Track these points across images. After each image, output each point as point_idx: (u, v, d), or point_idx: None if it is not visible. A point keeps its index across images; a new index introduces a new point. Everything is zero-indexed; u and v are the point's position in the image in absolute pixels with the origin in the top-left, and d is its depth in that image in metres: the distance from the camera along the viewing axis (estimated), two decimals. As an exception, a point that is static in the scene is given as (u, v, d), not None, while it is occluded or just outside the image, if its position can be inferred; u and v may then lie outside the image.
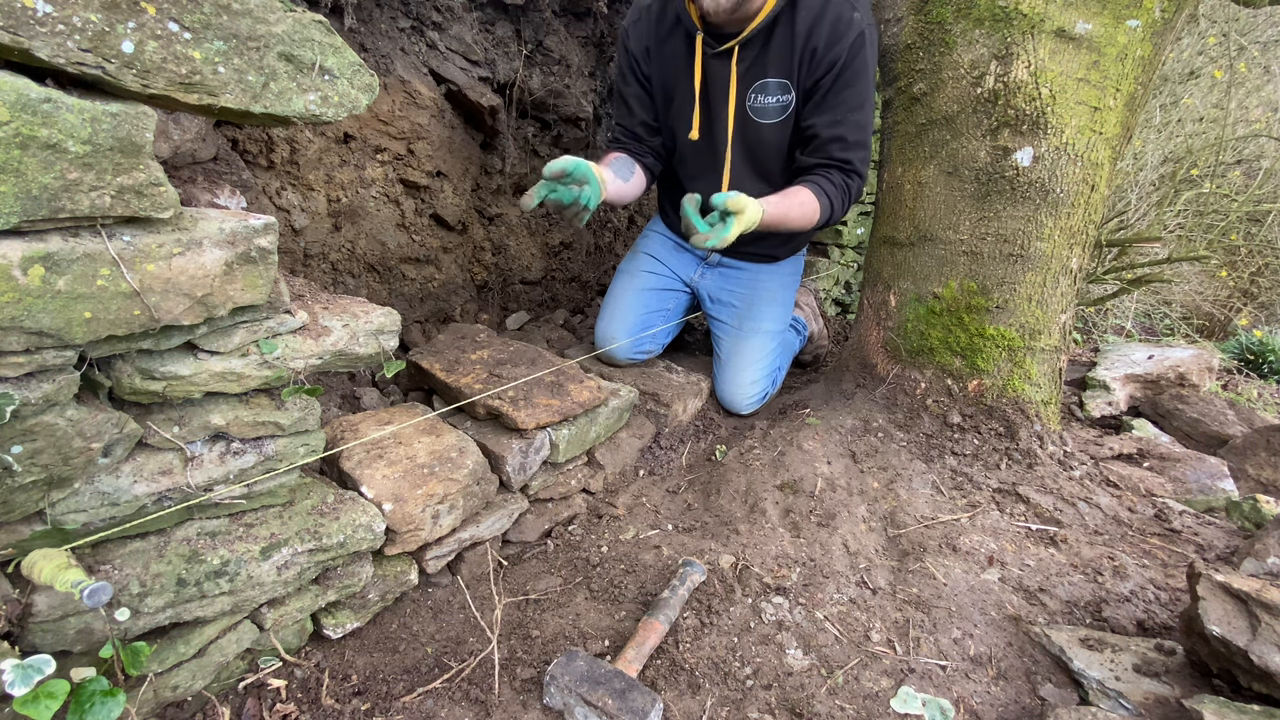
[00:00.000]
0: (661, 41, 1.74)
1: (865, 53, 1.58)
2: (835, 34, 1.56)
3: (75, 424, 0.80)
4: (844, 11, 1.56)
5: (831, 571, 1.37)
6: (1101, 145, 1.64)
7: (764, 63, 1.65)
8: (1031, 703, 1.11)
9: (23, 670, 0.74)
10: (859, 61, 1.58)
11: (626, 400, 1.70)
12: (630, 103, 1.83)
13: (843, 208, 1.70)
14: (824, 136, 1.65)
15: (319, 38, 0.87)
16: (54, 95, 0.67)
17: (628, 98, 1.84)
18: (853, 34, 1.55)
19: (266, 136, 1.74)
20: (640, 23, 1.76)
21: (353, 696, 1.08)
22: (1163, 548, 1.49)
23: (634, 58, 1.79)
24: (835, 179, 1.67)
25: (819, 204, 1.64)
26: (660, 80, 1.80)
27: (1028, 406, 1.75)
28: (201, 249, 0.83)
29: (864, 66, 1.60)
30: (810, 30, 1.57)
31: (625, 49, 1.80)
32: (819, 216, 1.65)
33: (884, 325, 1.91)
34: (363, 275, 2.06)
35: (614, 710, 0.98)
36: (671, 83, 1.79)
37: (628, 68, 1.81)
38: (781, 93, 1.68)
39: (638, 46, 1.77)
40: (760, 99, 1.70)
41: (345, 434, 1.31)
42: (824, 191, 1.64)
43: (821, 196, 1.64)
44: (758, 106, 1.72)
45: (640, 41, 1.77)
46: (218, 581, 0.97)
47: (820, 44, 1.57)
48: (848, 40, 1.56)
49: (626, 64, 1.81)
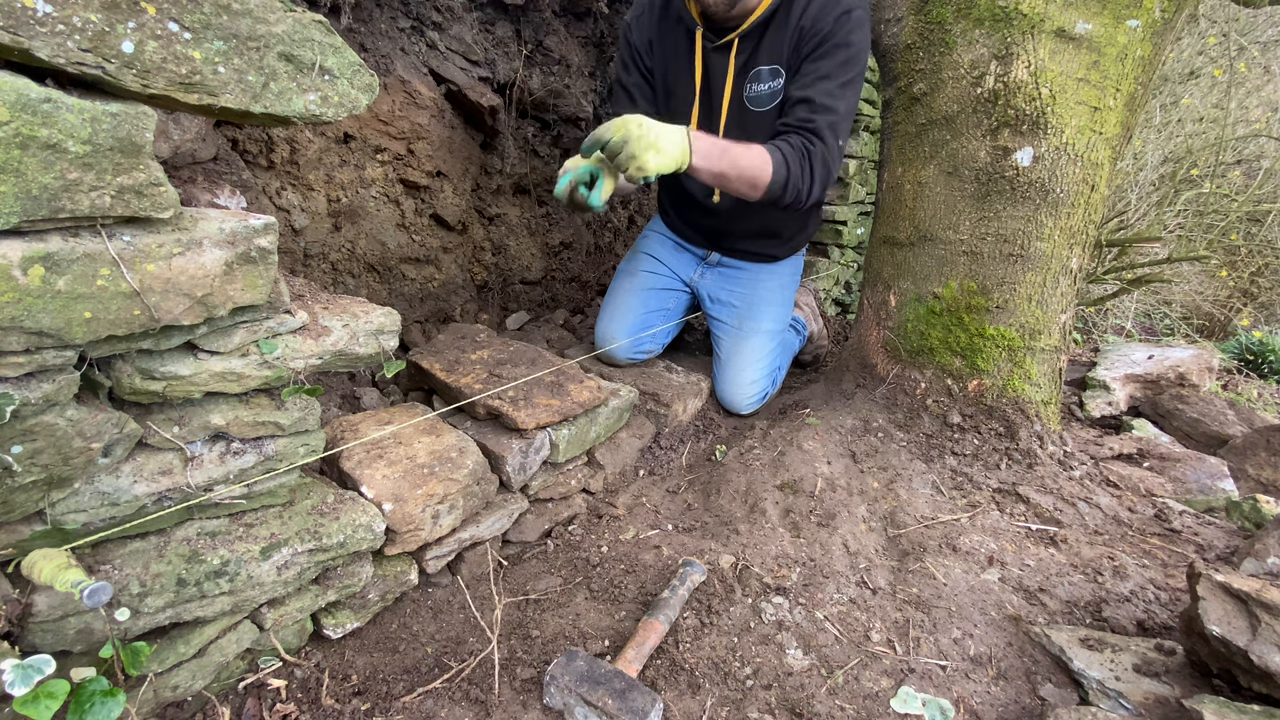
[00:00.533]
0: (663, 36, 1.78)
1: (849, 29, 1.58)
2: (823, 12, 1.59)
3: (75, 424, 0.80)
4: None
5: (831, 571, 1.37)
6: (1101, 145, 1.64)
7: (760, 52, 1.68)
8: (1031, 703, 1.11)
9: (23, 670, 0.74)
10: (841, 35, 1.58)
11: (626, 400, 1.70)
12: (632, 92, 1.85)
13: (802, 172, 1.57)
14: (792, 99, 1.64)
15: (319, 38, 0.87)
16: (54, 95, 0.67)
17: (629, 87, 1.86)
18: (838, 10, 1.58)
19: (266, 136, 1.74)
20: (643, 17, 1.80)
21: (353, 696, 1.08)
22: (1163, 548, 1.49)
23: (637, 50, 1.82)
24: (794, 141, 1.58)
25: (770, 158, 1.52)
26: (661, 74, 1.83)
27: (1028, 406, 1.75)
28: (201, 249, 0.83)
29: (845, 42, 1.58)
30: (803, 13, 1.61)
31: (628, 41, 1.83)
32: (770, 171, 1.52)
33: (884, 325, 1.91)
34: (363, 275, 2.06)
35: (614, 710, 0.98)
36: (672, 78, 1.82)
37: (630, 59, 1.84)
38: (773, 78, 1.69)
39: (640, 39, 1.81)
40: (755, 87, 1.72)
41: (345, 434, 1.31)
42: (779, 150, 1.55)
43: (775, 153, 1.54)
44: (752, 95, 1.73)
45: (643, 35, 1.80)
46: (218, 581, 0.97)
47: (810, 23, 1.60)
48: (832, 15, 1.58)
49: (629, 56, 1.84)
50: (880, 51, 1.89)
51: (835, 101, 1.60)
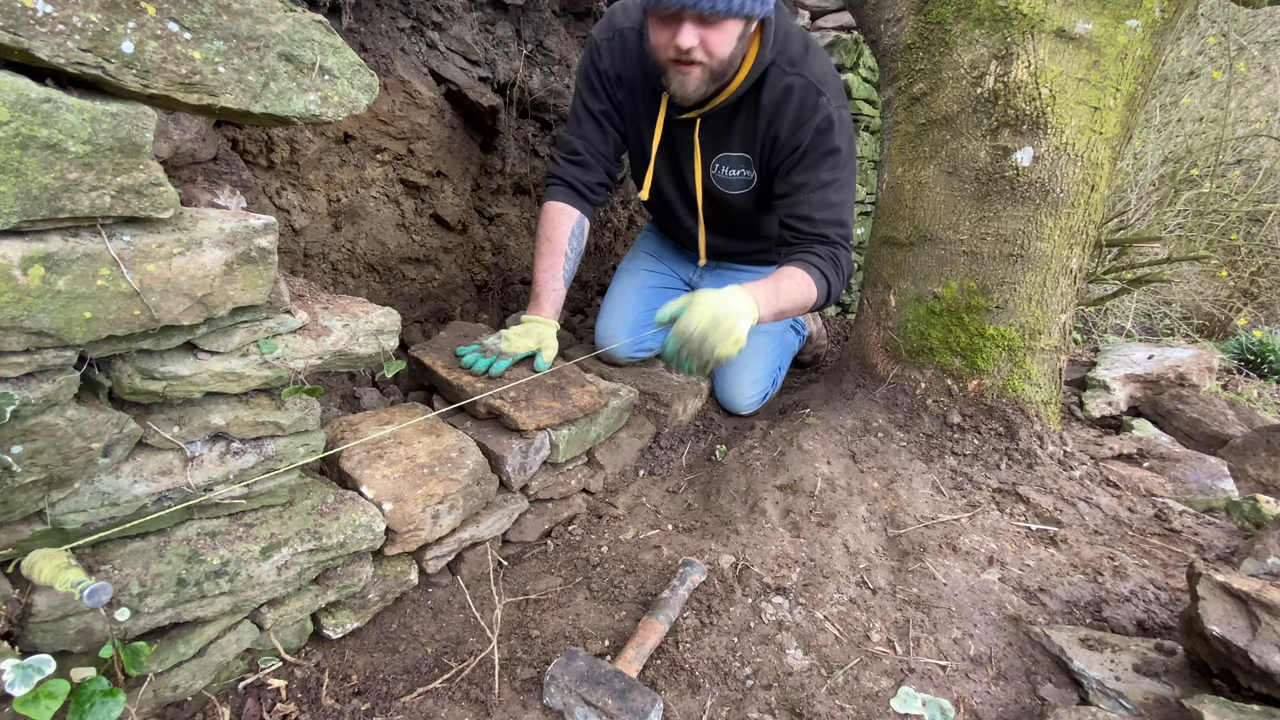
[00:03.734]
0: (630, 77, 1.64)
1: (833, 136, 1.53)
2: (797, 121, 1.52)
3: (75, 424, 0.80)
4: (808, 97, 1.50)
5: (831, 571, 1.37)
6: (1101, 145, 1.64)
7: (727, 135, 1.62)
8: (1031, 703, 1.11)
9: (23, 670, 0.74)
10: (825, 146, 1.53)
11: (626, 400, 1.70)
12: (600, 121, 1.69)
13: (836, 278, 1.60)
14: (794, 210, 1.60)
15: (319, 38, 0.87)
16: (54, 95, 0.67)
17: (598, 114, 1.68)
18: (817, 118, 1.51)
19: (266, 136, 1.74)
20: (615, 46, 1.63)
21: (353, 696, 1.08)
22: (1163, 548, 1.49)
23: (606, 77, 1.66)
24: (819, 251, 1.58)
25: (810, 278, 1.54)
26: (631, 117, 1.71)
27: (1028, 406, 1.75)
28: (201, 249, 0.83)
29: (831, 149, 1.54)
30: (773, 115, 1.53)
31: (595, 66, 1.65)
32: (815, 291, 1.55)
33: (884, 325, 1.91)
34: (363, 275, 2.06)
35: (614, 710, 0.98)
36: (640, 129, 1.71)
37: (599, 85, 1.67)
38: (744, 167, 1.66)
39: (610, 68, 1.65)
40: (724, 170, 1.68)
41: (345, 434, 1.31)
42: (813, 267, 1.56)
43: (811, 271, 1.55)
44: (721, 177, 1.69)
45: (613, 65, 1.64)
46: (218, 581, 0.97)
47: (782, 131, 1.54)
48: (810, 126, 1.51)
49: (598, 81, 1.66)
50: (880, 51, 1.89)
51: (839, 205, 1.59)
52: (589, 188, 1.70)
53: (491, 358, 1.51)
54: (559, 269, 1.65)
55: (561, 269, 1.66)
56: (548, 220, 1.67)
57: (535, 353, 1.56)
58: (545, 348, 1.57)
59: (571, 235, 1.67)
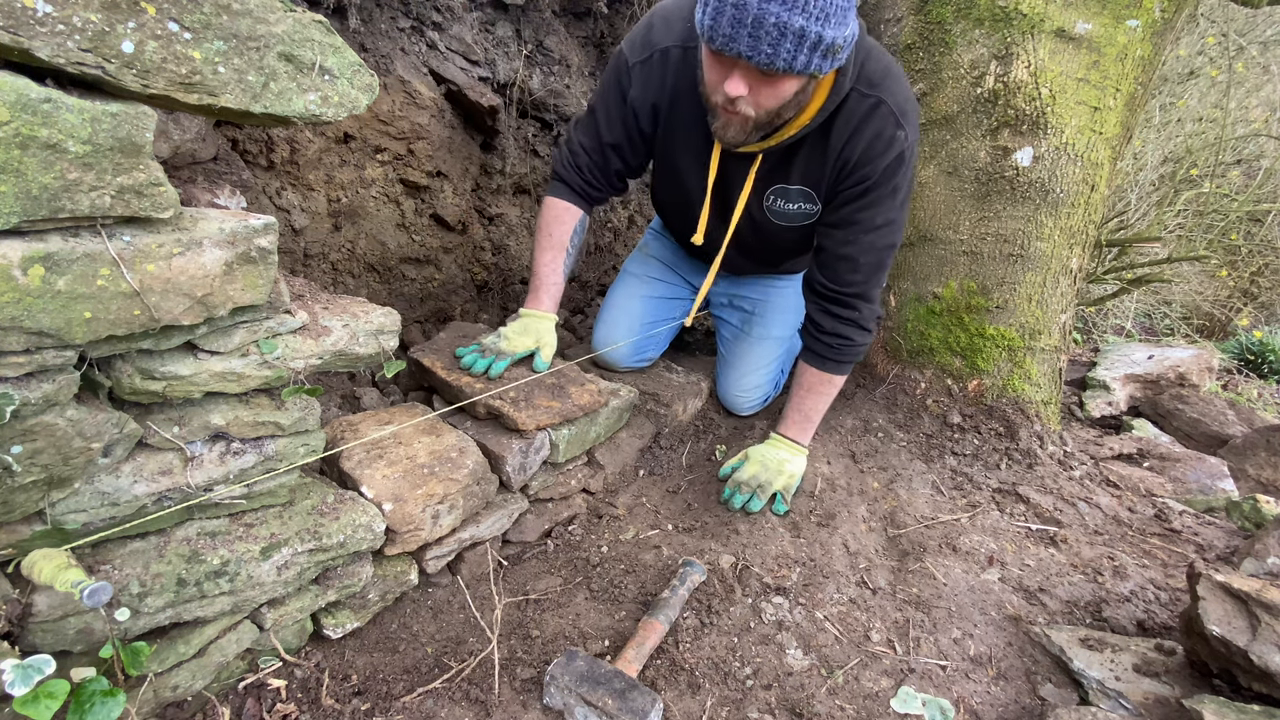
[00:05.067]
0: (676, 110, 1.48)
1: (900, 174, 1.43)
2: (871, 150, 1.40)
3: (75, 424, 0.80)
4: (885, 129, 1.37)
5: (831, 571, 1.37)
6: (1101, 145, 1.64)
7: (788, 168, 1.48)
8: (1031, 703, 1.11)
9: (23, 670, 0.74)
10: (893, 183, 1.43)
11: (626, 400, 1.70)
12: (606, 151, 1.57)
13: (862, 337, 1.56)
14: (833, 253, 1.52)
15: (319, 38, 0.87)
16: (54, 95, 0.67)
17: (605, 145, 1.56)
18: (891, 154, 1.39)
19: (266, 136, 1.74)
20: (651, 70, 1.43)
21: (353, 696, 1.08)
22: (1163, 548, 1.49)
23: (634, 110, 1.48)
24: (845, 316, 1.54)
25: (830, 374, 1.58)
26: (664, 150, 1.56)
27: (1028, 406, 1.75)
28: (201, 249, 0.83)
29: (895, 189, 1.44)
30: (847, 141, 1.41)
31: (621, 91, 1.48)
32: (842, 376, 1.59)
33: (884, 325, 1.91)
34: (363, 275, 2.06)
35: (614, 710, 0.98)
36: (679, 162, 1.56)
37: (618, 117, 1.51)
38: (805, 200, 1.53)
39: (641, 99, 1.46)
40: (780, 202, 1.55)
41: (345, 434, 1.31)
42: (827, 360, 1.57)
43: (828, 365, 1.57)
44: (777, 210, 1.56)
45: (646, 94, 1.46)
46: (218, 581, 0.97)
47: (854, 156, 1.41)
48: (885, 160, 1.40)
49: (619, 112, 1.50)
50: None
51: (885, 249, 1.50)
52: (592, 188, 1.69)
53: (490, 358, 1.51)
54: (560, 263, 1.64)
55: (562, 263, 1.65)
56: (550, 215, 1.65)
57: (534, 352, 1.56)
58: (544, 345, 1.56)
59: (573, 232, 1.65)
